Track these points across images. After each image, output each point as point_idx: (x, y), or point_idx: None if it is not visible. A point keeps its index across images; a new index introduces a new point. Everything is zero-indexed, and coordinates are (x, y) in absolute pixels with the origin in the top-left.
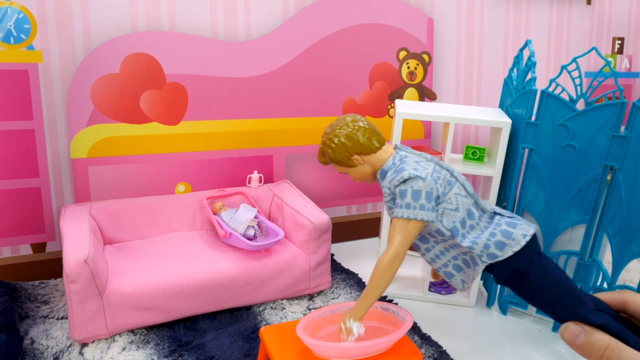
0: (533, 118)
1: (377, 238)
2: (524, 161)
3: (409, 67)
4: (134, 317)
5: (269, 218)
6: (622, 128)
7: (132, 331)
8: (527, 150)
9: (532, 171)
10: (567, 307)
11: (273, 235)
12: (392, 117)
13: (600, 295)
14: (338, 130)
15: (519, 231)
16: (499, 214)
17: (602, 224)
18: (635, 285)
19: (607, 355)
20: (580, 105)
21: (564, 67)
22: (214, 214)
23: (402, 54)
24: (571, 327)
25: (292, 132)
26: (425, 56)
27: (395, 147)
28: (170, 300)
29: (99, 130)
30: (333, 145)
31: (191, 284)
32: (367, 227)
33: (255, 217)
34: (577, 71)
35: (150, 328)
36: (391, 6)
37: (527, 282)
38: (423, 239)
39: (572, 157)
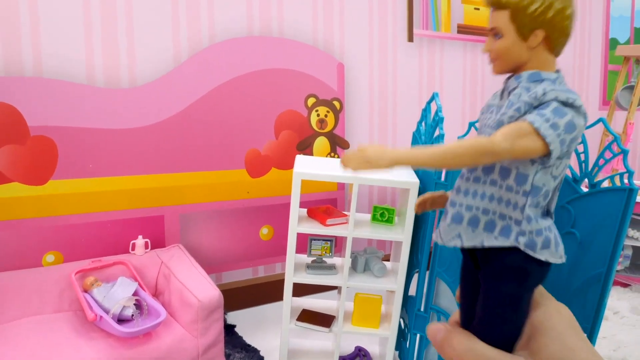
0: (443, 178)
1: None
2: (435, 223)
3: (318, 115)
4: None
5: (155, 292)
6: None
7: None
8: (437, 212)
9: None
10: (507, 334)
11: (155, 315)
12: None
13: None
14: None
15: (562, 249)
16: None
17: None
18: None
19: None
20: None
21: (471, 124)
22: (85, 291)
23: (311, 100)
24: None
25: (187, 189)
26: (336, 103)
27: (558, 72)
28: None
29: None
30: None
31: None
32: (276, 290)
33: (135, 292)
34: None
35: None
36: (297, 50)
37: (513, 285)
38: (488, 167)
39: None
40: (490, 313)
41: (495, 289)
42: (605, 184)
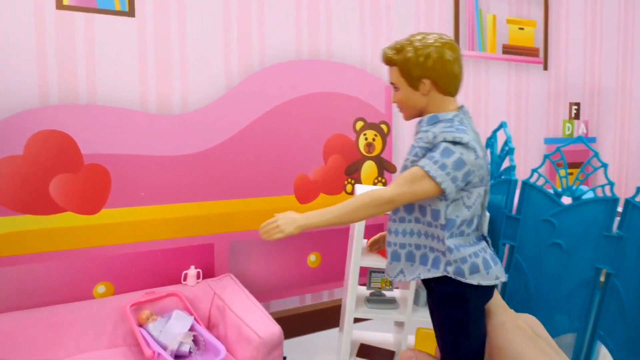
0: (514, 211)
1: (336, 329)
2: (505, 258)
3: (366, 139)
4: None
5: (209, 323)
6: (615, 226)
7: None
8: (507, 247)
9: (514, 270)
10: (465, 355)
11: (213, 351)
12: (349, 193)
13: None
14: (437, 44)
15: (497, 270)
16: (487, 242)
17: (597, 334)
18: None
19: None
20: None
21: (547, 156)
22: (140, 325)
23: (359, 124)
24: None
25: (237, 215)
26: (383, 126)
27: (461, 108)
28: None
29: None
30: (419, 51)
31: None
32: (324, 318)
33: (192, 327)
34: (562, 161)
35: None
36: (345, 72)
37: (455, 310)
38: (409, 207)
39: (558, 256)
40: (443, 337)
41: (442, 315)
42: None
